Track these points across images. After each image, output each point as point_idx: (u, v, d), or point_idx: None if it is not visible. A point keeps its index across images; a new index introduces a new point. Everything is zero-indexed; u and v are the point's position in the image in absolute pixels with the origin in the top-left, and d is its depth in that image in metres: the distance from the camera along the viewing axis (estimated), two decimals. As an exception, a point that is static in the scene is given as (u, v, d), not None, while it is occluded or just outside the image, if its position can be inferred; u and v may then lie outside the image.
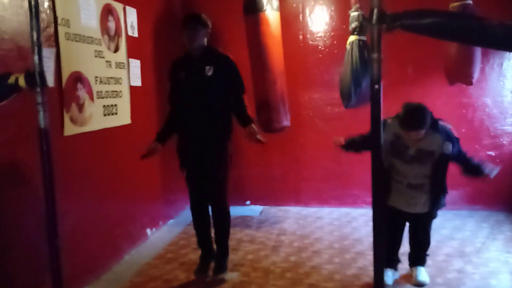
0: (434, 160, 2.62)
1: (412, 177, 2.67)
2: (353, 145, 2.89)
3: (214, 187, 2.97)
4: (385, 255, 2.89)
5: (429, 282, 2.87)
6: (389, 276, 2.88)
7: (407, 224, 2.90)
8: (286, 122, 3.88)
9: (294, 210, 4.57)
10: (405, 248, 2.97)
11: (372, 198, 1.34)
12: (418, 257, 2.92)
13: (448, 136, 2.60)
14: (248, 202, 4.75)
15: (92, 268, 3.04)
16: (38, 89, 1.48)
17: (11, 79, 1.49)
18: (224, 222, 3.07)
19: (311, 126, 4.55)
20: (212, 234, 3.13)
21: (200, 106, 2.88)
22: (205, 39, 2.91)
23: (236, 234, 3.88)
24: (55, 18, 2.70)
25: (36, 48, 1.44)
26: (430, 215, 2.81)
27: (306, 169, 4.60)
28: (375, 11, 1.22)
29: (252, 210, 4.60)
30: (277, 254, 3.45)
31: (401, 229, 2.89)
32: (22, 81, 1.48)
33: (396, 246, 2.93)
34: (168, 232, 4.02)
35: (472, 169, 2.67)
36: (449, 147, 2.57)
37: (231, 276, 3.07)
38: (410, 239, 2.92)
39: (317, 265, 3.21)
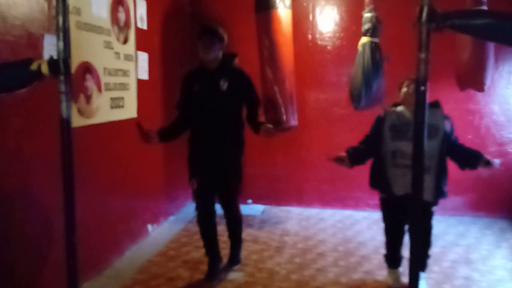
0: (439, 138, 2.59)
1: None
2: (360, 157, 2.76)
3: (227, 199, 3.03)
4: (387, 254, 2.90)
5: (437, 288, 2.85)
6: (397, 275, 2.87)
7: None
8: (294, 121, 3.84)
9: (296, 211, 4.52)
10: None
11: (412, 199, 1.28)
12: (419, 260, 2.86)
13: (447, 117, 2.67)
14: (249, 201, 4.69)
15: (94, 264, 2.97)
16: (62, 77, 1.40)
17: (34, 66, 1.41)
18: (237, 226, 3.19)
19: (317, 127, 4.51)
20: (220, 236, 3.15)
21: (215, 119, 2.85)
22: (221, 53, 2.87)
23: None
24: (67, 6, 2.61)
25: (61, 34, 1.37)
26: (432, 205, 2.72)
27: (309, 170, 4.56)
28: (425, 9, 1.17)
29: (254, 209, 4.55)
30: (281, 255, 3.40)
31: (402, 226, 2.82)
32: (45, 68, 1.40)
33: (399, 243, 2.86)
34: (169, 228, 3.95)
35: (470, 156, 2.64)
36: (448, 125, 2.63)
37: (235, 276, 3.02)
38: (410, 237, 2.83)
39: (322, 268, 3.17)
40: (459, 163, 2.71)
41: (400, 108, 2.71)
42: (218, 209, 3.06)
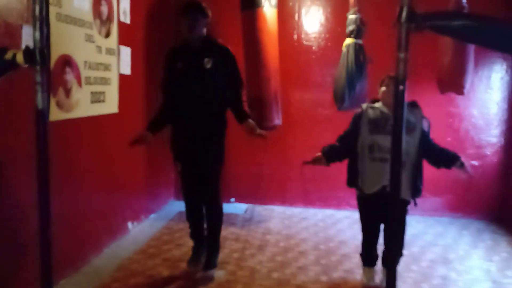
0: (415, 135, 2.63)
1: None
2: (336, 154, 2.79)
3: (208, 182, 2.90)
4: (363, 253, 2.92)
5: (415, 287, 2.88)
6: (371, 274, 2.90)
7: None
8: (278, 120, 3.84)
9: (279, 210, 4.53)
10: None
11: (393, 194, 1.29)
12: (391, 257, 2.86)
13: (425, 117, 2.72)
14: (232, 199, 4.68)
15: (71, 261, 2.92)
16: (38, 68, 1.37)
17: (8, 55, 1.37)
18: (217, 218, 3.01)
19: (301, 127, 4.52)
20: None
21: (197, 99, 2.78)
22: (204, 29, 2.81)
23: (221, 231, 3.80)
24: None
25: (38, 23, 1.33)
26: (407, 203, 2.74)
27: (293, 170, 4.57)
28: (405, 9, 1.18)
29: (237, 207, 4.54)
30: (263, 253, 3.40)
31: (378, 224, 2.84)
32: (20, 58, 1.36)
33: (374, 242, 2.89)
34: (150, 226, 3.91)
35: (447, 156, 2.69)
36: (425, 124, 2.67)
37: (217, 274, 3.00)
38: (384, 236, 2.85)
39: (303, 266, 3.18)
40: (435, 163, 2.75)
41: (378, 104, 2.76)
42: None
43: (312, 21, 4.42)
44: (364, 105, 2.77)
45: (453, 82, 3.45)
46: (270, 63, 3.71)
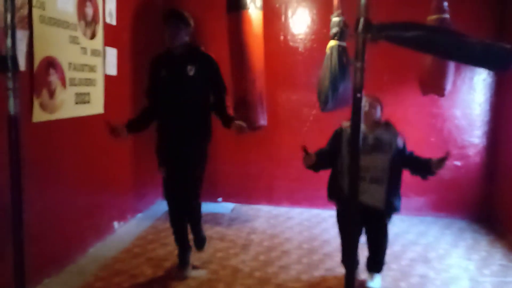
0: (391, 152, 2.71)
1: (374, 169, 2.70)
2: (318, 163, 2.82)
3: (189, 184, 2.95)
4: (344, 260, 2.97)
5: (393, 286, 2.94)
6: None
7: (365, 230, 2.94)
8: (263, 121, 3.88)
9: (265, 209, 4.58)
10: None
11: (350, 204, 1.35)
12: (375, 263, 2.95)
13: (399, 134, 2.80)
14: (220, 199, 4.73)
15: (56, 260, 2.96)
16: (10, 74, 1.41)
17: (-20, 62, 1.41)
18: (197, 215, 3.11)
19: (287, 127, 4.58)
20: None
21: (182, 106, 2.82)
22: (187, 38, 2.85)
23: (206, 231, 3.81)
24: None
25: (9, 31, 1.37)
26: (386, 216, 2.82)
27: (279, 169, 4.62)
28: (362, 20, 1.23)
29: (224, 207, 4.59)
30: (246, 252, 3.45)
31: (358, 233, 2.89)
32: (-8, 65, 1.40)
33: (354, 249, 2.96)
34: (136, 226, 3.95)
35: (422, 166, 2.74)
36: (400, 142, 2.76)
37: (199, 273, 3.05)
38: (367, 242, 2.94)
39: (285, 265, 3.24)
40: (415, 173, 2.82)
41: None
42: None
43: (298, 23, 4.47)
44: (344, 124, 2.82)
45: (434, 84, 3.51)
46: (256, 65, 3.75)
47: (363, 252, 3.04)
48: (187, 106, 2.82)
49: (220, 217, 4.31)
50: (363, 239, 2.88)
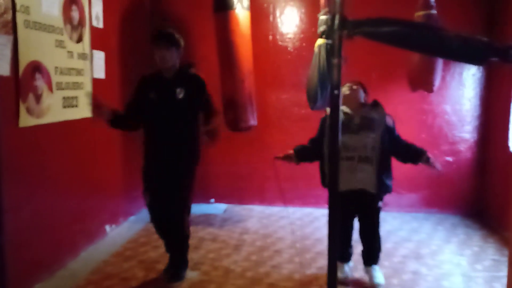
0: (380, 131, 2.71)
1: (363, 148, 2.71)
2: (306, 155, 2.86)
3: (177, 210, 2.89)
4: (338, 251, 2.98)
5: (385, 283, 2.95)
6: (346, 270, 2.98)
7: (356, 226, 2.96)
8: (253, 121, 3.88)
9: (258, 209, 4.58)
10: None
11: (329, 198, 1.35)
12: (371, 255, 2.94)
13: (388, 114, 2.80)
14: (212, 200, 4.72)
15: (46, 265, 2.94)
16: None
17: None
18: (183, 245, 3.00)
19: (278, 126, 4.58)
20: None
21: (170, 129, 2.80)
22: (178, 60, 2.83)
23: (198, 232, 3.85)
24: (14, 4, 2.58)
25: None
26: (377, 199, 2.81)
27: (271, 169, 4.60)
28: (337, 17, 1.23)
29: (216, 208, 4.58)
30: (238, 253, 3.45)
31: (350, 223, 2.93)
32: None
33: (347, 240, 2.96)
34: (128, 229, 3.94)
35: (413, 152, 2.74)
36: (390, 120, 2.76)
37: (191, 275, 3.04)
38: (360, 235, 2.93)
39: (277, 265, 3.23)
40: (402, 158, 2.82)
41: (342, 108, 2.82)
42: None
43: (287, 22, 4.48)
44: (329, 109, 2.84)
45: (422, 80, 3.52)
46: (244, 65, 3.75)
47: (356, 251, 3.05)
48: (175, 130, 2.80)
49: (213, 218, 4.30)
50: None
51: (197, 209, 4.46)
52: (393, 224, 4.13)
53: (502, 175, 3.95)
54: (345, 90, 2.84)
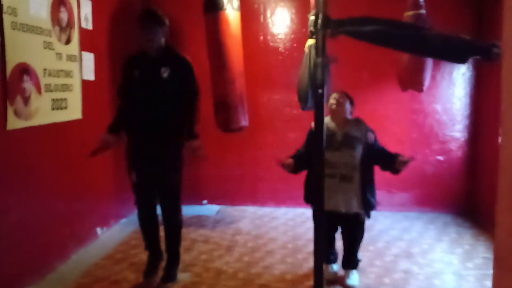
0: (361, 149, 2.74)
1: (343, 166, 2.73)
2: (301, 165, 2.83)
3: (166, 193, 2.86)
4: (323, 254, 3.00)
5: (377, 282, 2.95)
6: (332, 267, 3.03)
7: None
8: (244, 122, 3.87)
9: (250, 210, 4.57)
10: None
11: (315, 201, 1.34)
12: (350, 261, 2.98)
13: (370, 129, 2.82)
14: (205, 201, 4.71)
15: (36, 268, 2.91)
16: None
17: None
18: (175, 232, 2.97)
19: (270, 127, 4.58)
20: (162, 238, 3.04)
21: (154, 108, 2.76)
22: (163, 39, 2.80)
23: (190, 234, 3.83)
24: (0, 5, 2.55)
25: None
26: (362, 218, 2.84)
27: (263, 170, 4.61)
28: (320, 16, 1.22)
29: (209, 209, 4.57)
30: (230, 254, 3.44)
31: (334, 231, 3.00)
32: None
33: (331, 245, 3.05)
34: (120, 231, 3.92)
35: (389, 161, 2.74)
36: (371, 137, 2.77)
37: (182, 276, 3.02)
38: (343, 242, 2.98)
39: (269, 265, 3.23)
40: (381, 167, 2.84)
41: (326, 120, 2.86)
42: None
43: (278, 23, 4.48)
44: (313, 123, 2.84)
45: (412, 79, 3.53)
46: (234, 66, 3.74)
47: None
48: (159, 108, 2.76)
49: (205, 219, 4.29)
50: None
51: (189, 210, 4.44)
52: (385, 223, 4.14)
53: (493, 174, 3.97)
54: (331, 103, 2.86)
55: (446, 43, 1.24)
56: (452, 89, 4.35)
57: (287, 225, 4.13)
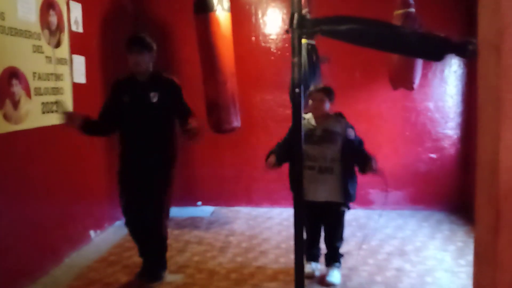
0: (340, 143, 2.79)
1: (323, 159, 2.81)
2: (284, 157, 2.86)
3: (151, 212, 2.87)
4: (305, 250, 3.01)
5: (369, 280, 2.96)
6: (313, 267, 3.03)
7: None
8: (237, 123, 3.88)
9: (245, 211, 4.58)
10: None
11: (294, 197, 1.35)
12: (332, 257, 3.00)
13: (350, 124, 2.86)
14: (199, 202, 4.71)
15: (28, 272, 2.91)
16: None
17: None
18: (160, 246, 2.98)
19: (263, 127, 4.58)
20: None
21: (145, 132, 2.81)
22: (151, 64, 2.84)
23: (184, 236, 3.84)
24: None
25: None
26: (341, 209, 2.89)
27: (257, 170, 4.58)
28: (295, 16, 1.23)
29: (203, 210, 4.57)
30: (224, 255, 3.44)
31: (318, 226, 3.01)
32: None
33: (315, 241, 3.05)
34: (114, 234, 3.92)
35: (361, 161, 2.77)
36: (351, 133, 2.80)
37: (174, 278, 3.03)
38: (325, 238, 3.02)
39: (262, 265, 3.23)
40: (359, 168, 2.87)
41: (308, 115, 2.94)
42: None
43: (269, 23, 4.49)
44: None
45: (402, 78, 3.54)
46: (226, 67, 3.74)
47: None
48: (149, 133, 2.81)
49: (199, 221, 4.29)
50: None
51: (184, 212, 4.45)
52: (379, 221, 4.14)
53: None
54: (310, 100, 2.92)
55: (421, 41, 1.25)
56: (444, 87, 4.36)
57: (281, 225, 4.14)
